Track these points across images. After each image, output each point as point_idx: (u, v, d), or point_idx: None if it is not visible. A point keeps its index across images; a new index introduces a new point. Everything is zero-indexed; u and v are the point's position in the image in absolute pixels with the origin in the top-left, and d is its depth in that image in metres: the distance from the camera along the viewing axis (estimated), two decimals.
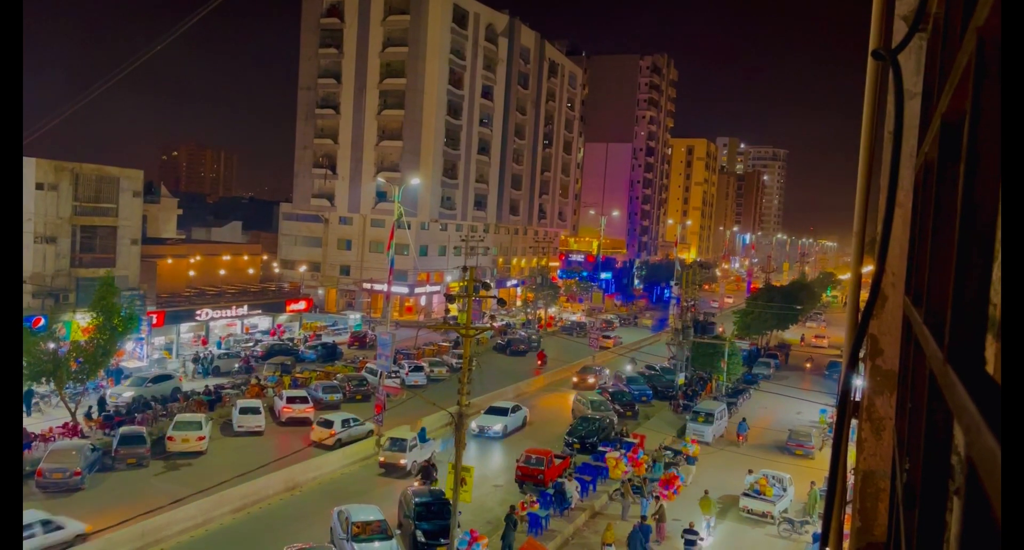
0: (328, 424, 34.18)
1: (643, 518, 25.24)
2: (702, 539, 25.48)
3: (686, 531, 24.93)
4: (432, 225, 78.69)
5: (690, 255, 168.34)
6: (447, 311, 73.60)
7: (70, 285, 44.20)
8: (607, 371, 52.97)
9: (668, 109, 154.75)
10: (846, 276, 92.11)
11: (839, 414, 2.86)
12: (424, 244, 77.16)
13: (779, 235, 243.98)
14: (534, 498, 26.92)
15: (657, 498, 27.23)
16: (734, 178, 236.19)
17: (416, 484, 28.50)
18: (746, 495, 29.19)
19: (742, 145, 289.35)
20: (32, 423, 33.89)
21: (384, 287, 62.14)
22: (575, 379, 50.21)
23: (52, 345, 33.40)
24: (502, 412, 39.23)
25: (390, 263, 57.93)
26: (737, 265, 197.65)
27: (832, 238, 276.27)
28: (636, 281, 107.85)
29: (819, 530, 23.90)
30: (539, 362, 57.32)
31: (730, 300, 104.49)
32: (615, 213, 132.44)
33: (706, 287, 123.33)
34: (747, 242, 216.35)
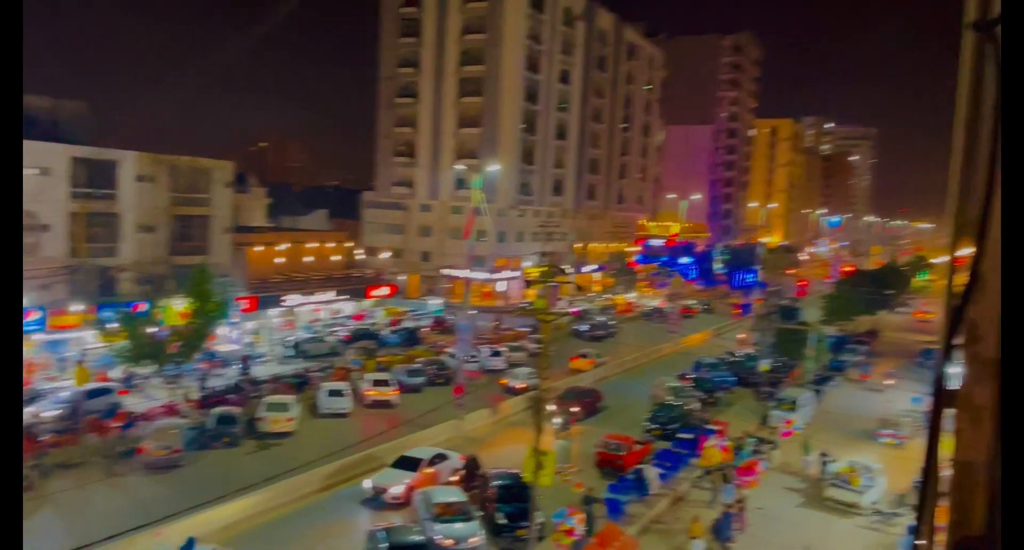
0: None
1: (728, 506, 24.87)
2: (834, 460, 30.29)
3: (823, 454, 30.90)
4: (510, 211, 78.93)
5: (774, 239, 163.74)
6: (525, 297, 73.90)
7: (169, 272, 46.38)
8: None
9: (751, 89, 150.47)
10: (941, 259, 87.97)
11: (934, 403, 2.76)
12: (502, 230, 77.52)
13: (868, 217, 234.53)
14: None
15: (738, 486, 26.73)
16: (820, 159, 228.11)
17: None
18: (832, 485, 28.38)
19: (829, 125, 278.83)
20: (134, 403, 35.87)
21: (463, 273, 62.96)
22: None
23: (152, 329, 35.15)
24: (412, 465, 27.48)
25: (469, 249, 58.55)
26: (824, 249, 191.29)
27: (926, 220, 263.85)
28: (718, 266, 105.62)
29: (911, 522, 23.04)
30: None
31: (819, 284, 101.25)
32: (695, 197, 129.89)
33: (790, 272, 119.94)
34: (834, 225, 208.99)
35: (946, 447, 2.80)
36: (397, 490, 26.50)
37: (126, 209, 44.36)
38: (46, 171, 39.97)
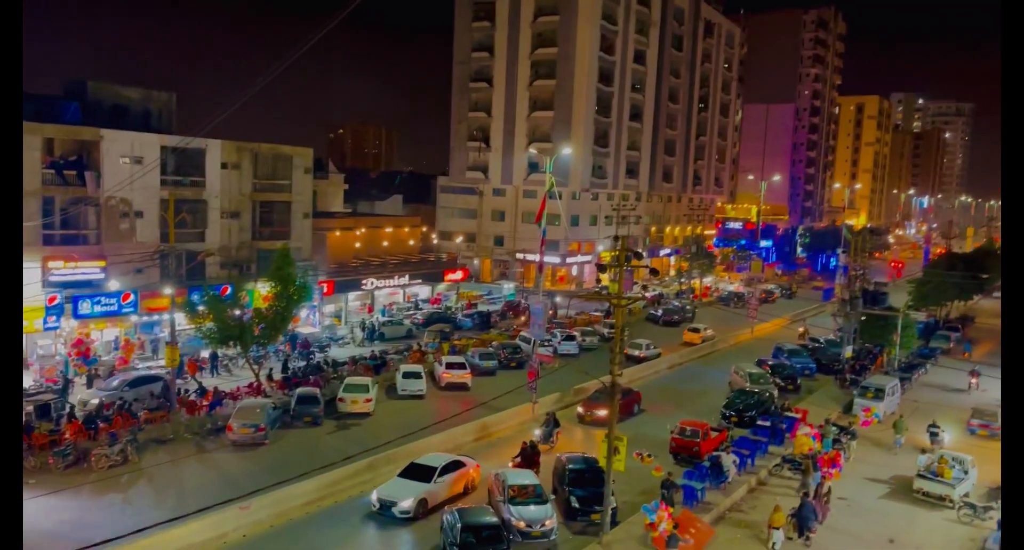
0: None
1: (805, 495, 24.23)
2: (944, 431, 32.40)
3: (931, 426, 32.59)
4: (583, 195, 78.44)
5: (859, 220, 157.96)
6: (598, 281, 73.39)
7: (252, 256, 47.97)
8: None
9: (835, 65, 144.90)
10: None
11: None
12: (575, 214, 77.17)
13: (962, 197, 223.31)
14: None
15: (824, 477, 25.91)
16: (910, 137, 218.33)
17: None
18: (921, 476, 27.34)
19: (920, 101, 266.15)
20: (220, 383, 37.38)
21: (536, 257, 62.96)
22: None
23: (237, 312, 36.45)
24: (424, 475, 24.94)
25: (542, 233, 58.49)
26: (913, 231, 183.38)
27: None
28: (799, 249, 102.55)
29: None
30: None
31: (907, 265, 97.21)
32: (776, 178, 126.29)
33: (877, 255, 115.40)
34: (925, 206, 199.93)
35: None
36: (407, 504, 23.64)
37: (212, 195, 46.01)
38: (139, 160, 41.78)
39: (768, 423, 32.20)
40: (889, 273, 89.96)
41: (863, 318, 47.67)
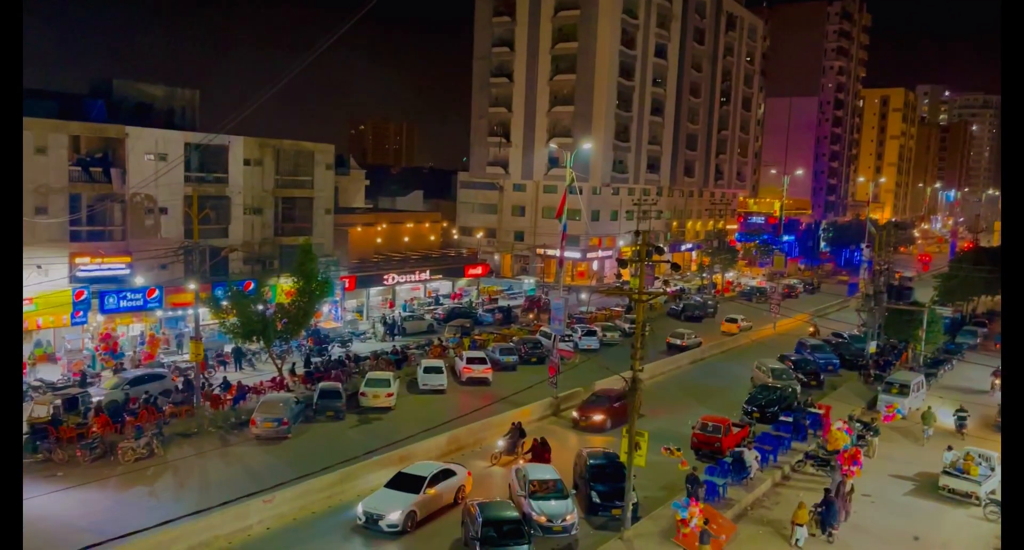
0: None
1: (827, 491, 24.00)
2: (968, 415, 33.52)
3: (959, 411, 33.46)
4: (604, 189, 78.20)
5: (884, 214, 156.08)
6: (619, 276, 73.24)
7: (275, 252, 48.35)
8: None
9: (860, 57, 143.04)
10: None
11: None
12: (596, 209, 76.96)
13: (990, 191, 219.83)
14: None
15: (845, 475, 25.53)
16: (936, 129, 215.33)
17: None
18: (947, 473, 27.02)
19: (946, 93, 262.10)
20: (244, 377, 37.75)
21: (557, 252, 62.78)
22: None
23: (260, 307, 36.77)
24: (413, 485, 23.53)
25: (562, 228, 58.31)
26: (939, 225, 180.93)
27: None
28: (822, 244, 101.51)
29: None
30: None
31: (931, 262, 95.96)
32: (799, 172, 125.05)
33: (902, 249, 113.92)
34: (951, 199, 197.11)
35: None
36: (395, 517, 22.23)
37: (235, 191, 46.41)
38: (163, 157, 42.24)
39: (791, 419, 31.96)
40: (915, 267, 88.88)
41: (886, 313, 47.16)
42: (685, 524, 21.67)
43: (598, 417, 32.80)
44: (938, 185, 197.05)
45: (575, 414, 33.58)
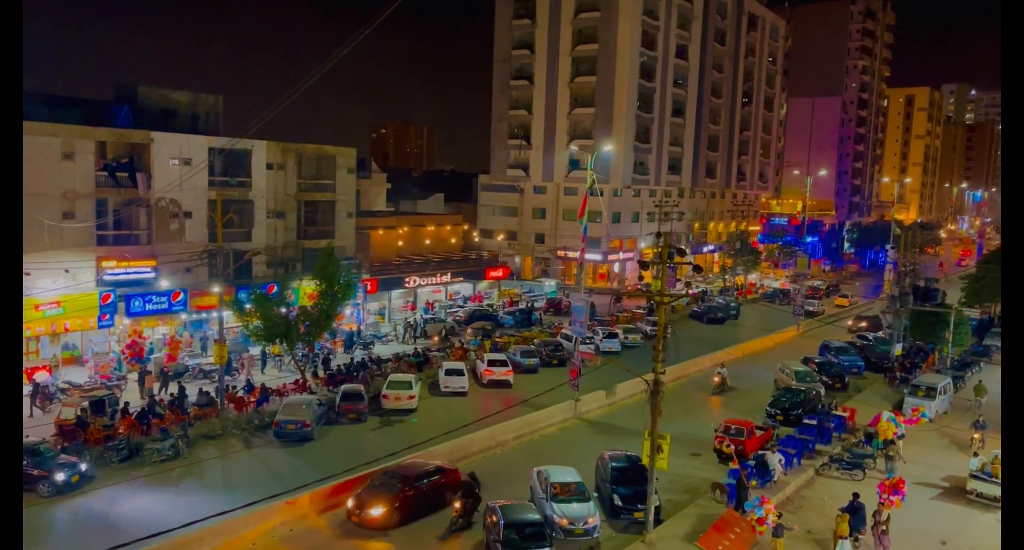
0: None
1: (856, 494, 23.58)
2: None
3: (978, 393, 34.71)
4: (625, 191, 77.98)
5: (909, 215, 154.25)
6: (641, 278, 72.94)
7: (297, 255, 48.70)
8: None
9: (884, 57, 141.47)
10: None
11: None
12: (617, 211, 76.76)
13: None
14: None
15: (882, 505, 24.25)
16: (962, 129, 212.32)
17: None
18: (975, 477, 26.62)
19: (972, 92, 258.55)
20: (267, 379, 38.06)
21: (578, 254, 62.73)
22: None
23: (283, 310, 37.05)
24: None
25: (583, 231, 58.26)
26: (966, 225, 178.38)
27: None
28: (846, 245, 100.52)
29: None
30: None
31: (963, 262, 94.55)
32: (822, 172, 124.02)
33: (928, 250, 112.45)
34: (978, 199, 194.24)
35: None
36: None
37: (258, 195, 46.82)
38: (187, 161, 42.73)
39: (815, 422, 31.67)
40: (939, 269, 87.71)
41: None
42: (761, 523, 21.99)
43: (377, 511, 22.73)
44: (964, 185, 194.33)
45: (349, 504, 23.49)
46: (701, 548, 21.56)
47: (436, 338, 48.58)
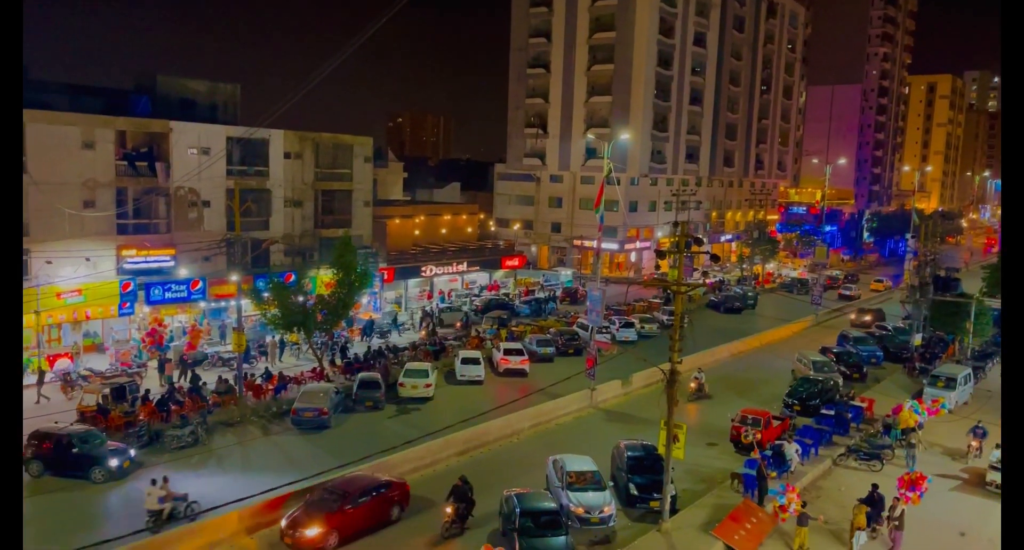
0: None
1: (875, 485, 23.44)
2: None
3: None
4: (642, 180, 77.60)
5: (930, 204, 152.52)
6: (658, 267, 72.65)
7: (315, 244, 48.92)
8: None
9: (905, 44, 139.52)
10: None
11: None
12: (634, 200, 76.42)
13: None
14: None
15: (898, 499, 23.90)
16: (985, 116, 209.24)
17: None
18: (994, 468, 26.39)
19: (996, 79, 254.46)
20: (285, 367, 38.33)
21: (594, 243, 62.47)
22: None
23: (300, 298, 37.26)
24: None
25: (600, 220, 57.94)
26: (988, 215, 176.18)
27: None
28: (866, 234, 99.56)
29: None
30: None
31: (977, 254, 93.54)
32: (841, 161, 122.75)
33: (949, 240, 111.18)
34: (1001, 188, 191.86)
35: None
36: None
37: (276, 184, 47.03)
38: (206, 151, 42.97)
39: (832, 412, 31.49)
40: (961, 259, 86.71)
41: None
42: (784, 510, 22.00)
43: (312, 532, 20.54)
44: (987, 173, 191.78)
45: (283, 523, 21.23)
46: (717, 538, 21.54)
47: (459, 324, 49.10)
